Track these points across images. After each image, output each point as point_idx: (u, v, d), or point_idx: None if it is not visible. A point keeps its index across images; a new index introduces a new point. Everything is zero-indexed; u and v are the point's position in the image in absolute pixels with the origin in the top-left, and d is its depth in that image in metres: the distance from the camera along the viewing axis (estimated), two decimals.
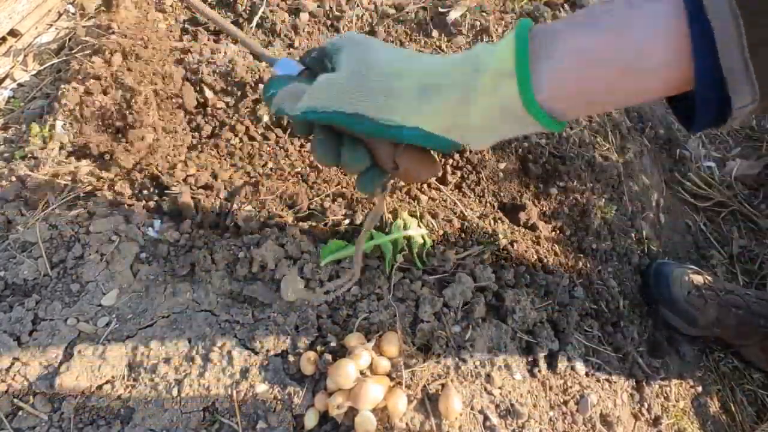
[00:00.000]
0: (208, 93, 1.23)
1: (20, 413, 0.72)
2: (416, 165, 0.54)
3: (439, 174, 0.60)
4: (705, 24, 0.32)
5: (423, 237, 0.91)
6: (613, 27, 0.38)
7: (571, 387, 0.91)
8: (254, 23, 1.47)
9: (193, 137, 1.16)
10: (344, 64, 0.51)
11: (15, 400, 0.72)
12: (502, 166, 1.13)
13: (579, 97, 0.43)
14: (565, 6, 1.68)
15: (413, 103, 0.47)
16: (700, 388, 1.07)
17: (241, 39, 0.72)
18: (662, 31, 0.35)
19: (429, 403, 0.75)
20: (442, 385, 0.77)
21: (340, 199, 0.99)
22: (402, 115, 0.48)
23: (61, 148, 1.13)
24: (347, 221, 0.95)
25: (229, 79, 1.24)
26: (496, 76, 0.43)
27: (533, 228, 1.08)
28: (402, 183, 0.95)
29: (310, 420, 0.72)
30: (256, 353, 0.78)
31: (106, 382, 0.74)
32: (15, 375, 0.73)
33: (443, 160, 1.11)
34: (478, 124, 0.47)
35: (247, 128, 1.16)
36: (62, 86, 1.25)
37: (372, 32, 1.50)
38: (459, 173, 1.10)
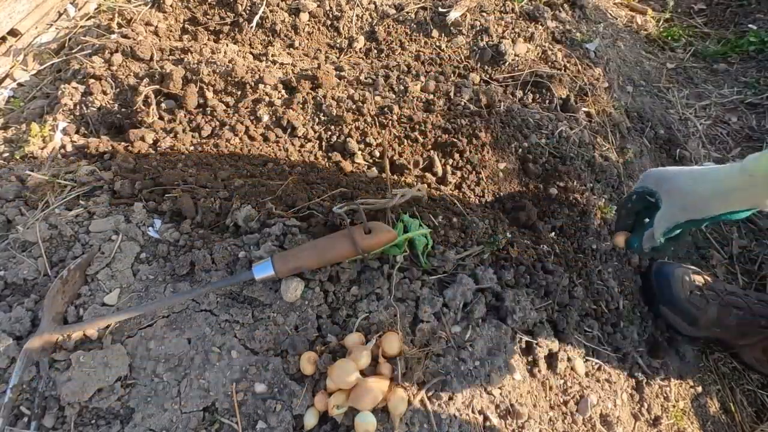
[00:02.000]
0: (208, 93, 1.23)
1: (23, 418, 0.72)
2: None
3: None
4: None
5: (426, 236, 0.91)
6: None
7: (571, 387, 0.91)
8: (254, 23, 1.47)
9: (193, 137, 1.16)
10: (666, 200, 0.86)
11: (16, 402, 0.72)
12: (502, 166, 1.13)
13: None
14: (565, 6, 1.69)
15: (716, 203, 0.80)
16: (699, 389, 1.07)
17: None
18: None
19: (429, 403, 0.75)
20: (442, 383, 0.77)
21: (339, 199, 0.99)
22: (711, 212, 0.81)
23: (61, 147, 1.13)
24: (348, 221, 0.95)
25: (229, 79, 1.24)
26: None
27: (533, 227, 1.08)
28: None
29: (310, 420, 0.72)
30: (256, 353, 0.78)
31: (107, 385, 0.74)
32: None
33: (443, 160, 1.11)
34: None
35: (247, 128, 1.16)
36: (62, 86, 1.25)
37: (372, 32, 1.50)
38: (459, 173, 1.10)
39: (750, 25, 2.17)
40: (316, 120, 1.18)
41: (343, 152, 1.14)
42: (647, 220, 0.90)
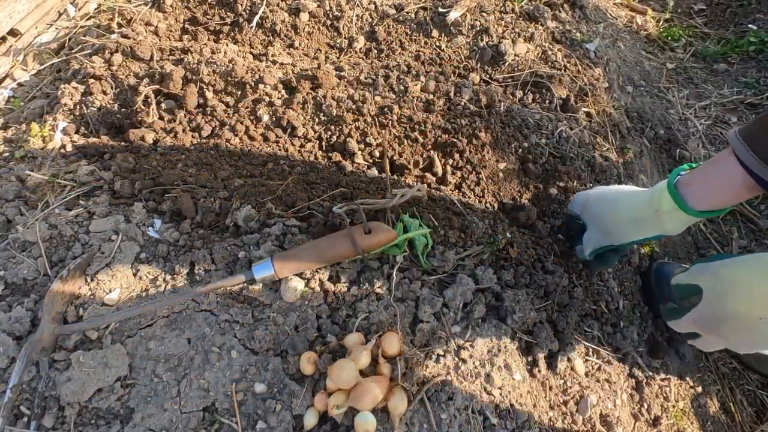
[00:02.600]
0: (208, 93, 1.23)
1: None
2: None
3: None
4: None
5: (426, 236, 0.92)
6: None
7: (570, 387, 0.91)
8: (254, 23, 1.47)
9: (193, 137, 1.16)
10: (589, 225, 0.98)
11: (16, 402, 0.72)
12: (502, 166, 1.13)
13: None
14: (565, 6, 1.69)
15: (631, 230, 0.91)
16: (699, 389, 1.07)
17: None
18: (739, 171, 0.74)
19: (429, 403, 0.75)
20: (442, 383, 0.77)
21: (339, 199, 0.99)
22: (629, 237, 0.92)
23: (61, 147, 1.13)
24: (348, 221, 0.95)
25: (229, 79, 1.24)
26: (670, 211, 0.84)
27: (533, 228, 1.08)
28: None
29: (310, 420, 0.72)
30: (256, 353, 0.78)
31: (107, 385, 0.74)
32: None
33: (443, 160, 1.11)
34: (668, 228, 0.86)
35: (247, 128, 1.16)
36: (62, 86, 1.25)
37: (372, 32, 1.50)
38: (459, 173, 1.10)
39: (750, 25, 2.17)
40: (316, 120, 1.18)
41: (343, 152, 1.14)
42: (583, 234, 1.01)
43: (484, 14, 1.51)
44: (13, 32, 1.42)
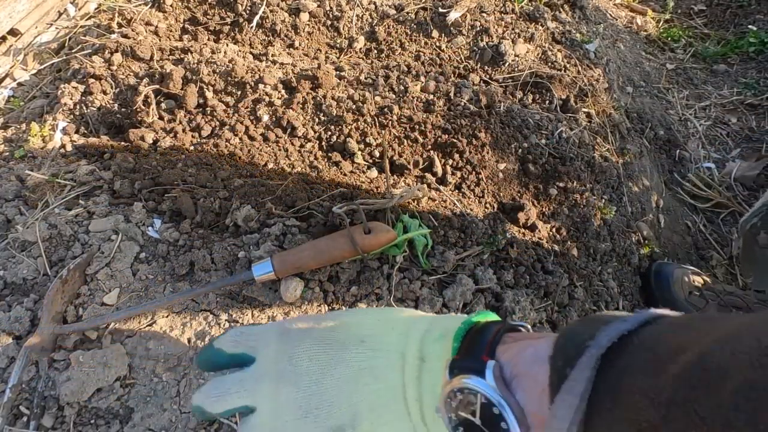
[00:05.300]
0: (208, 93, 1.23)
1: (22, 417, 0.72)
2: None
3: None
4: None
5: (426, 237, 0.92)
6: None
7: None
8: (254, 23, 1.47)
9: (193, 137, 1.16)
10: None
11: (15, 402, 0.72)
12: (502, 166, 1.13)
13: None
14: (565, 7, 1.69)
15: None
16: None
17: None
18: None
19: None
20: None
21: (339, 199, 0.99)
22: None
23: (61, 147, 1.13)
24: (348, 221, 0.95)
25: (229, 79, 1.24)
26: None
27: (533, 228, 1.08)
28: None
29: None
30: None
31: (107, 384, 0.74)
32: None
33: (443, 160, 1.11)
34: None
35: (247, 128, 1.16)
36: (62, 86, 1.25)
37: (372, 32, 1.50)
38: (459, 173, 1.10)
39: (750, 26, 2.17)
40: (316, 120, 1.18)
41: (343, 152, 1.14)
42: None
43: (484, 14, 1.51)
44: (13, 32, 1.42)
